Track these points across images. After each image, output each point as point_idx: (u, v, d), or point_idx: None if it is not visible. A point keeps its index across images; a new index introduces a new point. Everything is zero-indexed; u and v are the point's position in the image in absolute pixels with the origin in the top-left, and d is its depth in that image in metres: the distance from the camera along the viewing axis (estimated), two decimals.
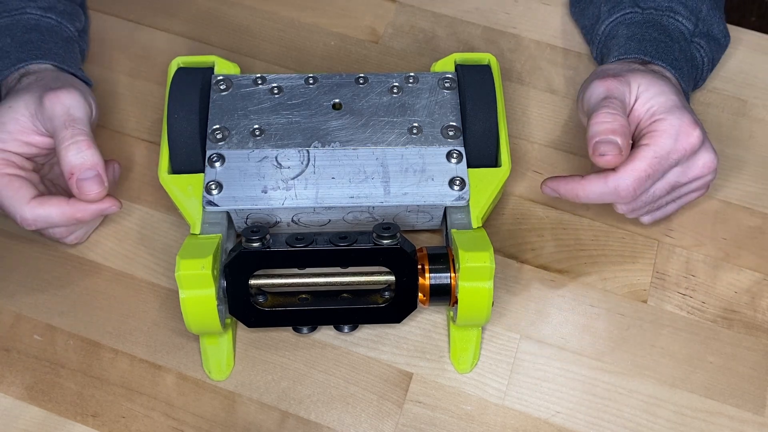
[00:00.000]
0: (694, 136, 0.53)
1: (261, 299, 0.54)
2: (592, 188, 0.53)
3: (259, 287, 0.54)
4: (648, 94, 0.54)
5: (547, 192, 0.56)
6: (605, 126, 0.52)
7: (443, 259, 0.53)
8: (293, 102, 0.59)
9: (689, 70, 0.61)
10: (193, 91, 0.58)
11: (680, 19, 0.61)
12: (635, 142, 0.54)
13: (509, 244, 0.61)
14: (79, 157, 0.53)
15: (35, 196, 0.54)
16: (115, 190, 0.62)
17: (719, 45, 0.65)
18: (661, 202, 0.56)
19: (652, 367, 0.57)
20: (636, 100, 0.54)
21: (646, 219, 0.58)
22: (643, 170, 0.52)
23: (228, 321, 0.55)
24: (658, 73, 0.57)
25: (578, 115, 0.59)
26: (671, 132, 0.53)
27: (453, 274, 0.52)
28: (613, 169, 0.53)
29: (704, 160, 0.54)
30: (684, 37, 0.61)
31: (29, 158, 0.56)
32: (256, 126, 0.58)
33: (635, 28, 0.61)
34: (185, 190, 0.56)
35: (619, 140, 0.51)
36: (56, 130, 0.53)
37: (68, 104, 0.54)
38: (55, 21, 0.62)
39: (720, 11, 0.64)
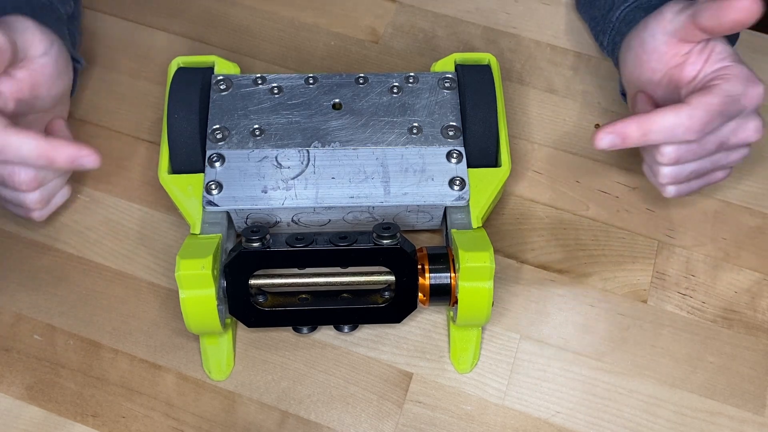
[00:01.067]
0: (760, 88, 0.52)
1: (261, 299, 0.54)
2: (664, 121, 0.50)
3: (259, 287, 0.54)
4: (723, 43, 0.54)
5: (606, 143, 0.51)
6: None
7: (443, 259, 0.53)
8: (293, 102, 0.59)
9: None
10: (193, 91, 0.58)
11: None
12: (701, 81, 0.53)
13: (509, 244, 0.61)
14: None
15: (9, 124, 0.50)
16: (109, 187, 0.62)
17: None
18: (700, 168, 0.54)
19: (652, 367, 0.57)
20: (714, 43, 0.53)
21: (671, 190, 0.56)
22: (716, 105, 0.51)
23: (228, 321, 0.55)
24: None
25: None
26: (742, 77, 0.52)
27: (453, 274, 0.52)
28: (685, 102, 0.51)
29: (756, 124, 0.53)
30: None
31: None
32: (256, 126, 0.58)
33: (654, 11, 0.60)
34: (185, 190, 0.56)
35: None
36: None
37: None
38: (47, 0, 0.61)
39: None
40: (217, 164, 0.56)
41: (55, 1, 0.62)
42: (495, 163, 0.58)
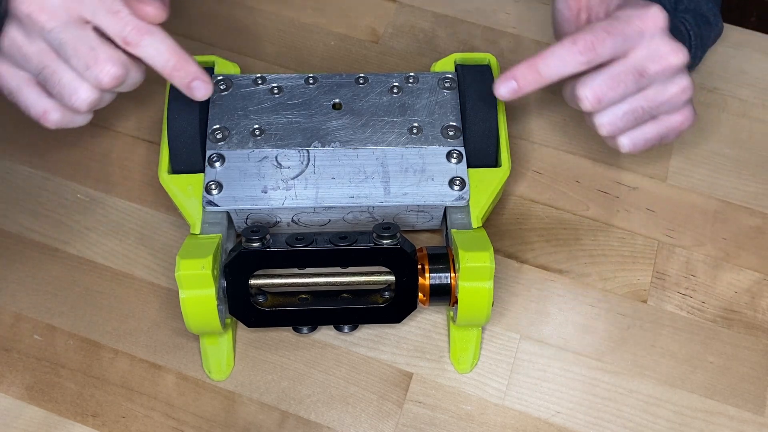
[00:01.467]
0: (654, 8, 0.50)
1: (261, 299, 0.54)
2: (550, 52, 0.50)
3: (259, 287, 0.54)
4: None
5: (504, 91, 0.51)
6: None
7: (443, 259, 0.53)
8: (293, 102, 0.59)
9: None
10: None
11: None
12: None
13: (509, 244, 0.61)
14: None
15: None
16: (109, 187, 0.62)
17: (708, 23, 0.62)
18: (636, 108, 0.52)
19: (652, 367, 0.57)
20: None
21: (624, 141, 0.54)
22: (600, 26, 0.50)
23: (228, 321, 0.55)
24: None
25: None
26: (636, 4, 0.51)
27: (453, 274, 0.52)
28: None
29: (670, 46, 0.51)
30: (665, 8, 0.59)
31: None
32: (256, 126, 0.58)
33: None
34: (185, 190, 0.56)
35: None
36: None
37: None
38: None
39: None
40: (217, 164, 0.56)
41: None
42: (495, 163, 0.58)
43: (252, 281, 0.52)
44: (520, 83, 0.51)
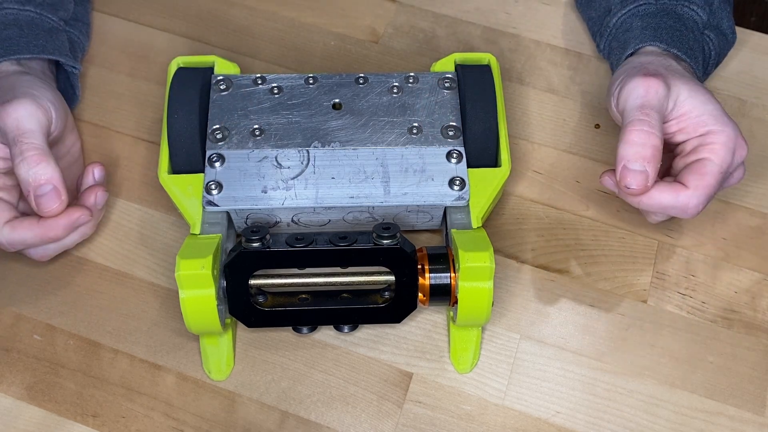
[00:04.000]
0: (745, 149, 0.53)
1: (261, 299, 0.54)
2: (660, 199, 0.52)
3: (259, 287, 0.54)
4: (695, 101, 0.53)
5: (606, 183, 0.55)
6: (636, 150, 0.51)
7: (443, 259, 0.53)
8: (293, 102, 0.59)
9: (702, 61, 0.61)
10: (193, 91, 0.58)
11: (695, 8, 0.61)
12: (689, 150, 0.54)
13: (509, 244, 0.61)
14: (30, 173, 0.51)
15: (10, 219, 0.53)
16: (108, 187, 0.62)
17: (726, 41, 0.64)
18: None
19: (652, 367, 0.57)
20: (683, 106, 0.53)
21: (655, 218, 0.58)
22: (713, 187, 0.52)
23: (228, 321, 0.55)
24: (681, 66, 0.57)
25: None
26: (730, 146, 0.52)
27: (453, 274, 0.52)
28: (683, 184, 0.52)
29: (739, 174, 0.55)
30: (698, 26, 0.61)
31: (6, 173, 0.55)
32: (256, 126, 0.58)
33: (650, 19, 0.60)
34: (185, 190, 0.56)
35: (649, 169, 0.51)
36: (9, 146, 0.52)
37: (17, 116, 0.52)
38: (35, 13, 0.61)
39: (730, 6, 0.64)
40: (217, 164, 0.56)
41: (46, 12, 0.62)
42: (495, 163, 0.58)
43: (252, 281, 0.52)
44: (620, 192, 0.53)
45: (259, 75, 0.60)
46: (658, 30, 0.59)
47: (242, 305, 0.52)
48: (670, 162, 0.57)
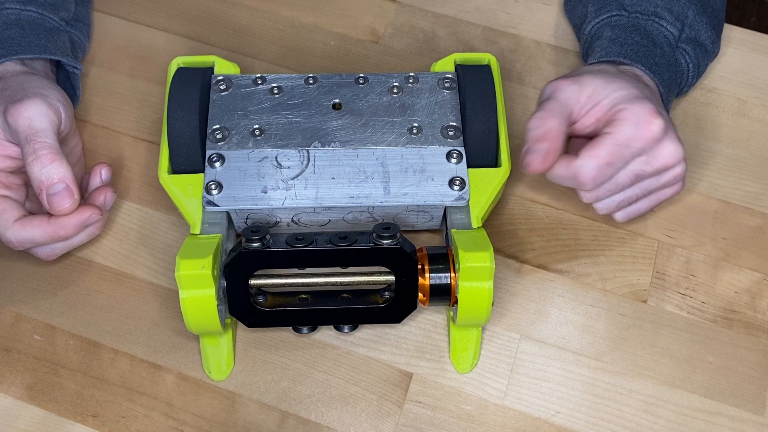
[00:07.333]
0: (655, 124, 0.53)
1: (261, 299, 0.54)
2: (556, 170, 0.54)
3: (259, 287, 0.54)
4: (607, 90, 0.54)
5: (530, 164, 0.55)
6: (531, 133, 0.53)
7: (443, 259, 0.53)
8: (293, 102, 0.59)
9: (671, 76, 0.60)
10: (193, 91, 0.58)
11: (665, 24, 0.61)
12: (599, 133, 0.54)
13: (509, 244, 0.61)
14: (44, 172, 0.52)
15: (19, 217, 0.53)
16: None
17: (706, 51, 0.64)
18: (631, 195, 0.56)
19: (652, 367, 0.57)
20: (596, 97, 0.54)
21: (619, 215, 0.58)
22: (603, 157, 0.52)
23: (228, 321, 0.55)
24: (634, 76, 0.57)
25: None
26: (632, 120, 0.53)
27: (453, 274, 0.52)
28: (576, 155, 0.53)
29: (669, 150, 0.54)
30: (668, 42, 0.61)
31: (13, 172, 0.56)
32: (256, 126, 0.58)
33: (619, 31, 0.61)
34: (185, 190, 0.56)
35: (543, 146, 0.52)
36: (21, 146, 0.53)
37: (29, 115, 0.52)
38: (36, 13, 0.61)
39: (707, 17, 0.63)
40: (217, 164, 0.56)
41: (48, 12, 0.62)
42: (495, 163, 0.58)
43: (252, 281, 0.52)
44: (537, 165, 0.54)
45: (259, 75, 0.60)
46: (624, 46, 0.59)
47: (242, 305, 0.52)
48: None
